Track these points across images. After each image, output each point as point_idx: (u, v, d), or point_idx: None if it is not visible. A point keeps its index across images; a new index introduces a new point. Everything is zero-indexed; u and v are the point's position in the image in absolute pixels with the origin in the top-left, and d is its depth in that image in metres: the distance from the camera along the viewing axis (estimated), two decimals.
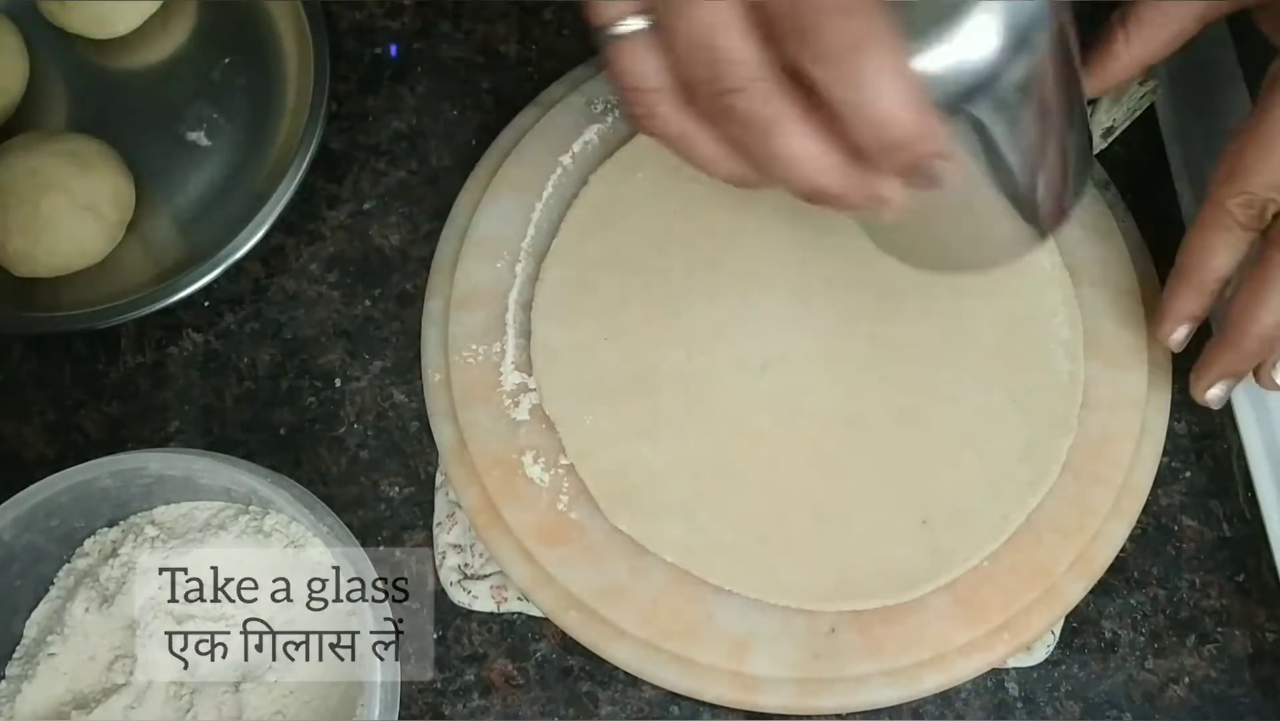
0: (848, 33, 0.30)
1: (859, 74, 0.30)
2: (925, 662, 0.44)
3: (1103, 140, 0.52)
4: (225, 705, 0.44)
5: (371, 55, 0.56)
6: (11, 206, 0.51)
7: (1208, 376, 0.45)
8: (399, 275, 0.53)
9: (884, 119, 0.30)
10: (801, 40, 0.30)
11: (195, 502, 0.48)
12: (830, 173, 0.32)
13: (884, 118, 0.30)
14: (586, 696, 0.48)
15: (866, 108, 0.30)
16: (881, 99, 0.30)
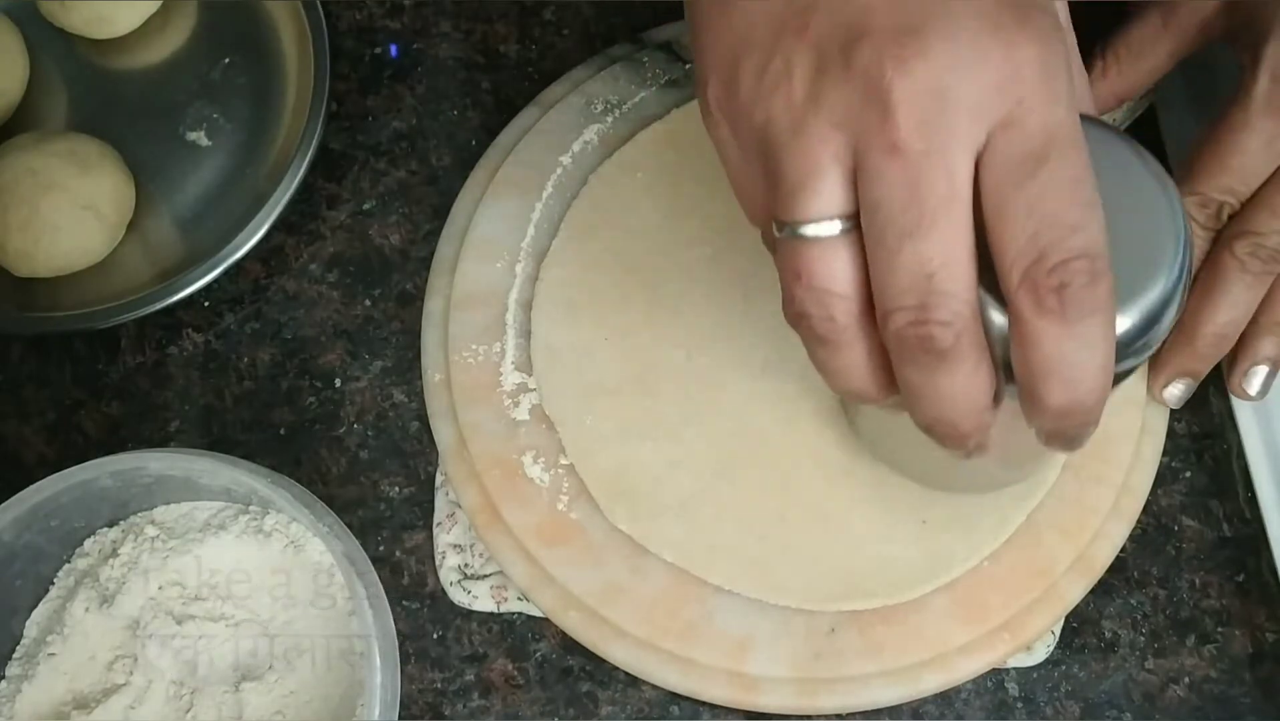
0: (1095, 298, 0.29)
1: (1087, 337, 0.29)
2: (925, 663, 0.44)
3: None
4: (225, 705, 0.44)
5: (371, 55, 0.56)
6: (11, 206, 0.51)
7: (1163, 375, 0.45)
8: (399, 275, 0.53)
9: (1086, 387, 0.30)
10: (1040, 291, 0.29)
11: (195, 502, 0.48)
12: (976, 415, 0.32)
13: (1086, 386, 0.30)
14: (586, 696, 0.48)
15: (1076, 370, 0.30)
16: (1094, 366, 0.30)
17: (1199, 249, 0.44)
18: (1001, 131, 0.29)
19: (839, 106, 0.30)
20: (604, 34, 0.56)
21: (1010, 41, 0.29)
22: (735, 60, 0.32)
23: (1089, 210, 0.29)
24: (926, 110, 0.29)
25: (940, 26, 0.29)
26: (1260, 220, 0.42)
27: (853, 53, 0.29)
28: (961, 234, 0.30)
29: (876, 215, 0.30)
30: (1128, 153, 0.32)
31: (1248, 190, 0.43)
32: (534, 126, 0.51)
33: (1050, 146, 0.29)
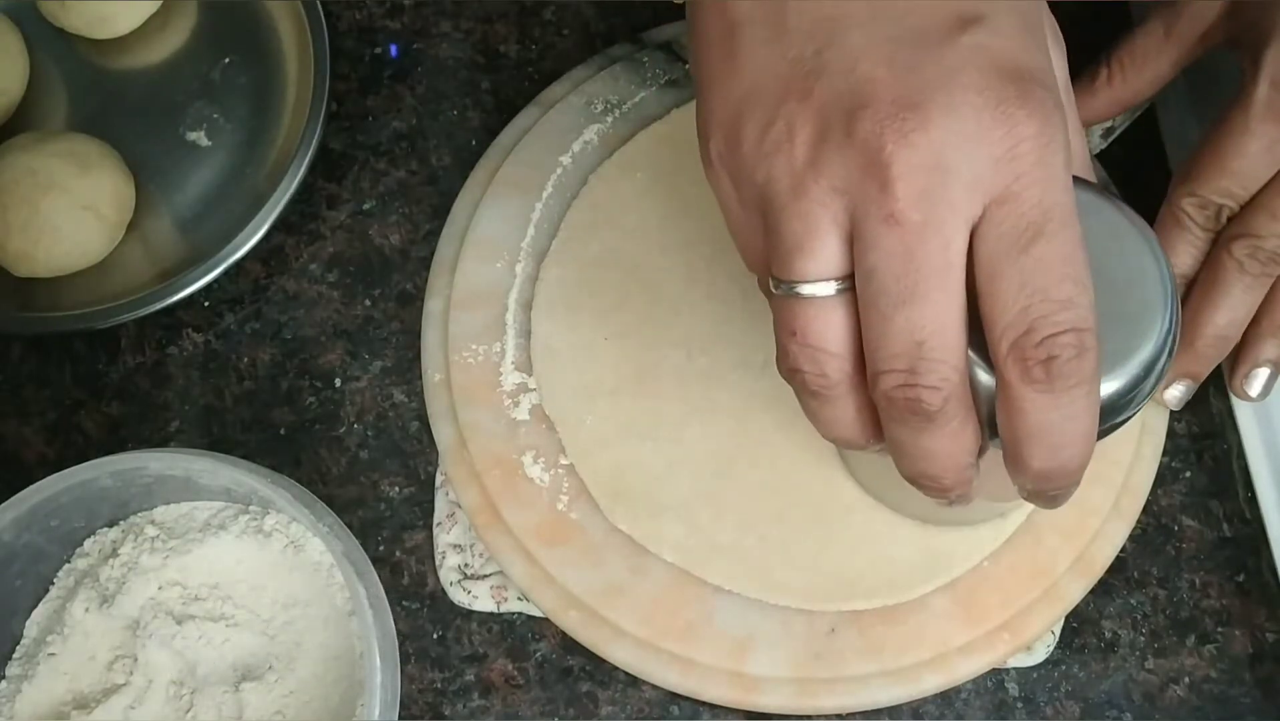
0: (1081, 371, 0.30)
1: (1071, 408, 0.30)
2: (925, 663, 0.44)
3: (1102, 140, 0.52)
4: (225, 705, 0.44)
5: (371, 55, 0.56)
6: (11, 206, 0.51)
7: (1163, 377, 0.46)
8: (399, 275, 0.53)
9: (1069, 453, 0.31)
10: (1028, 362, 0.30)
11: (195, 502, 0.48)
12: (958, 470, 0.33)
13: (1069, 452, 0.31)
14: (586, 696, 0.48)
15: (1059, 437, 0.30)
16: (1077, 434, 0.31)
17: (1197, 250, 0.44)
18: (998, 206, 0.30)
19: (839, 173, 0.30)
20: (604, 34, 0.56)
21: (1011, 117, 0.29)
22: (739, 117, 0.32)
23: (1079, 286, 0.30)
24: (925, 183, 0.29)
25: (942, 100, 0.29)
26: (1259, 223, 0.43)
27: (855, 122, 0.30)
28: (953, 303, 0.30)
29: (871, 281, 0.30)
30: (1116, 215, 0.33)
31: (1246, 194, 0.43)
32: (534, 126, 0.51)
33: (1045, 223, 0.29)
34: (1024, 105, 0.30)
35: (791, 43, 0.31)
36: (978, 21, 0.30)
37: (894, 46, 0.30)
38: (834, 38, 0.31)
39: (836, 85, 0.30)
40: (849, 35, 0.31)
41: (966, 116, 0.29)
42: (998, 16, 0.31)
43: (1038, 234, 0.29)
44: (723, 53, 0.33)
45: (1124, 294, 0.32)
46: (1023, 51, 0.31)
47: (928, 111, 0.29)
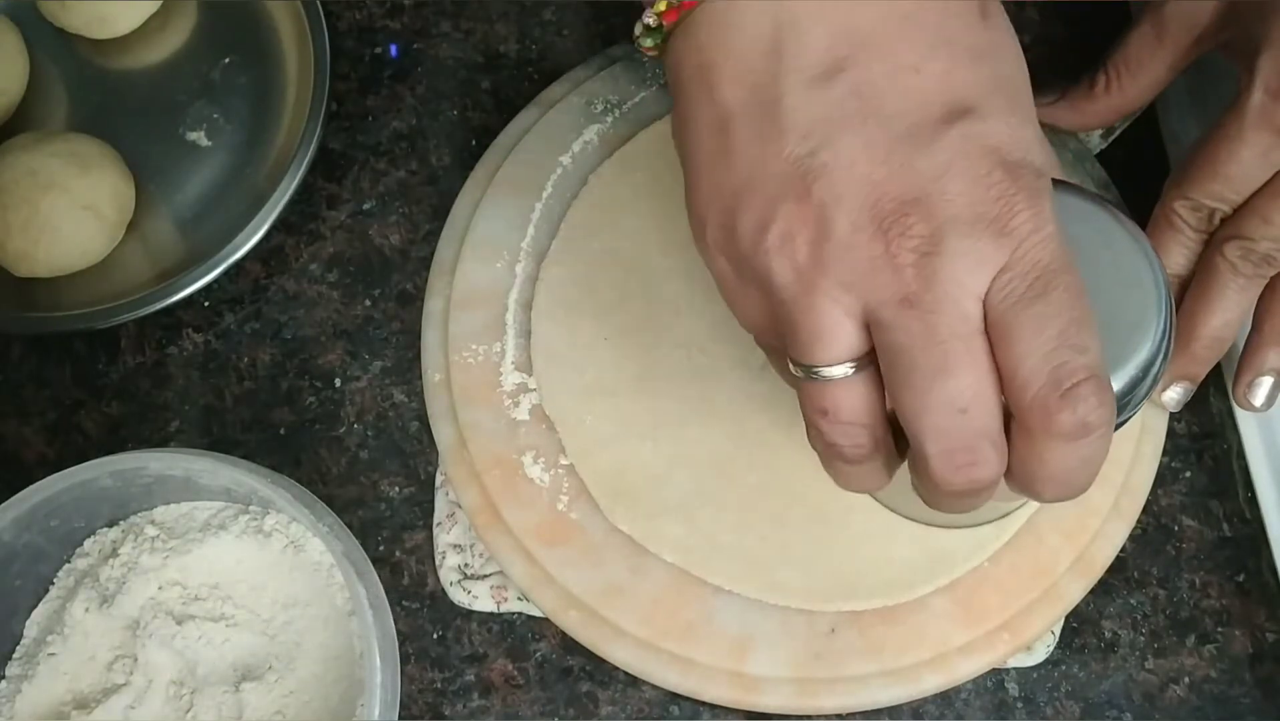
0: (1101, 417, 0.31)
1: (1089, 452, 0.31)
2: (925, 663, 0.44)
3: (1102, 140, 0.52)
4: (225, 705, 0.44)
5: (371, 55, 0.56)
6: (11, 206, 0.51)
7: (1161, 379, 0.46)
8: (399, 275, 0.53)
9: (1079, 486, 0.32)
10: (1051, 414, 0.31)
11: (195, 502, 0.48)
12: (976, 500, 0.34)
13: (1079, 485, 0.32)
14: (586, 696, 0.48)
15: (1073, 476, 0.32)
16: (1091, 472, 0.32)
17: (1190, 252, 0.45)
18: (1003, 274, 0.31)
19: (848, 270, 0.32)
20: (604, 34, 0.56)
21: (1003, 197, 0.31)
22: (735, 210, 0.33)
23: (1088, 330, 0.31)
24: (933, 267, 0.31)
25: (938, 191, 0.31)
26: (1251, 226, 0.43)
27: (858, 221, 0.31)
28: (985, 365, 0.31)
29: (899, 360, 0.32)
30: (1109, 221, 0.33)
31: (1239, 197, 0.43)
32: (534, 126, 0.51)
33: (1050, 278, 0.31)
34: (1014, 185, 0.31)
35: (787, 141, 0.32)
36: (966, 113, 0.32)
37: (890, 145, 0.32)
38: (830, 139, 0.32)
39: (834, 188, 0.32)
40: (845, 136, 0.32)
41: (962, 205, 0.31)
42: (985, 103, 0.32)
43: (1045, 288, 0.31)
44: (715, 142, 0.34)
45: (1119, 298, 0.32)
46: (1009, 132, 0.32)
47: (926, 204, 0.31)
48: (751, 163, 0.33)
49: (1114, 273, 0.33)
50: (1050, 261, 0.31)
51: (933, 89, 0.32)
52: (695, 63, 0.34)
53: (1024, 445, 0.32)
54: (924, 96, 0.32)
